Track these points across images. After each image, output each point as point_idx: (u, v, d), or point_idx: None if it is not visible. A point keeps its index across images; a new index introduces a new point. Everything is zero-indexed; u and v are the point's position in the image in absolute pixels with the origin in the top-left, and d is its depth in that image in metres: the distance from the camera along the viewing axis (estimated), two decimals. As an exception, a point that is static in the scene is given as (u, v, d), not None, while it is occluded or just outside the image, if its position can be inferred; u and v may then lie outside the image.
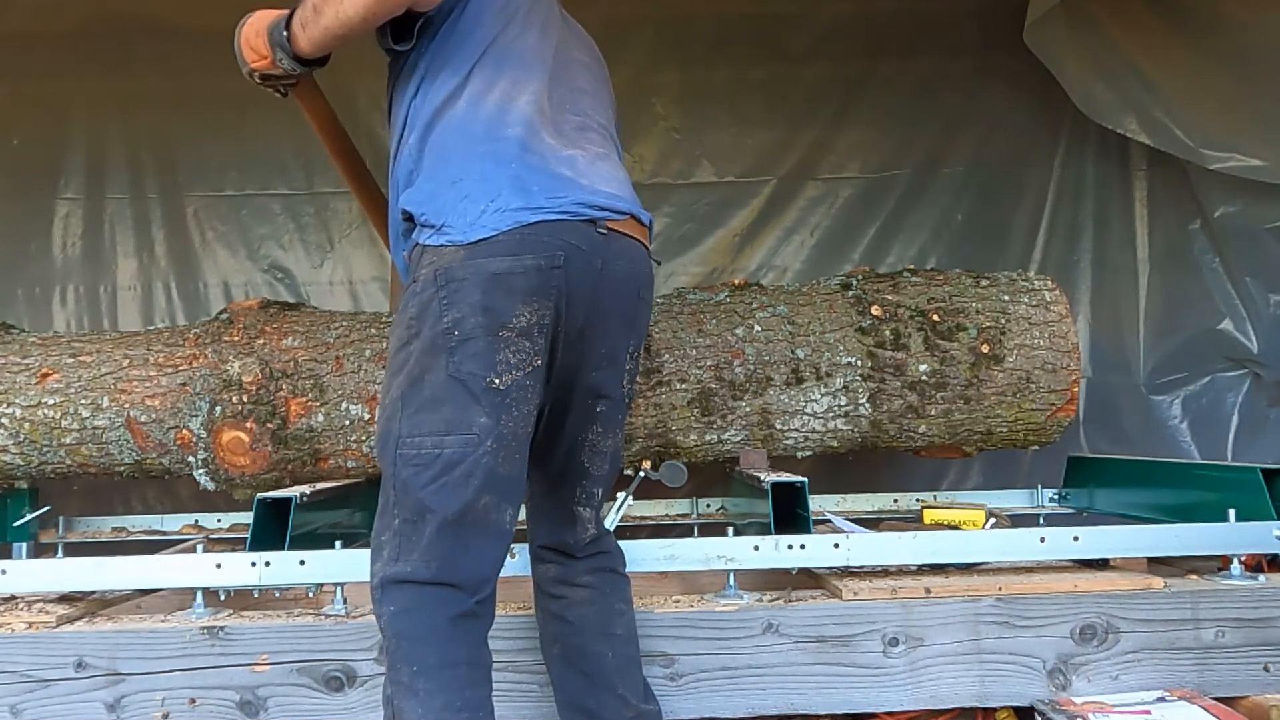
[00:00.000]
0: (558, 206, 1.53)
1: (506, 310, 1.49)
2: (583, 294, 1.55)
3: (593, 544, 1.74)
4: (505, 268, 1.49)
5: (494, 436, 1.49)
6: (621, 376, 1.67)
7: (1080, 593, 1.97)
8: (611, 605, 1.73)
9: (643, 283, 1.67)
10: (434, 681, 1.43)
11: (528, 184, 1.54)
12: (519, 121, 1.58)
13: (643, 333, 1.71)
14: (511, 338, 1.49)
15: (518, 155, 1.56)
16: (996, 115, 3.39)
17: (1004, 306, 2.55)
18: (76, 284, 3.37)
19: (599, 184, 1.60)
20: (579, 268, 1.53)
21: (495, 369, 1.49)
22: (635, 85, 3.36)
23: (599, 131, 1.73)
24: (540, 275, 1.50)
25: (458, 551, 1.48)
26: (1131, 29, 2.97)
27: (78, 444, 2.45)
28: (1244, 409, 3.28)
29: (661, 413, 2.45)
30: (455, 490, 1.47)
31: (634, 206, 1.66)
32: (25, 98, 3.34)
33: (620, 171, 1.72)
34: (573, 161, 1.60)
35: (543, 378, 1.56)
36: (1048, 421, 2.57)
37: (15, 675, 1.88)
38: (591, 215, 1.56)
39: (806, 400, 2.48)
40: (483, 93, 1.60)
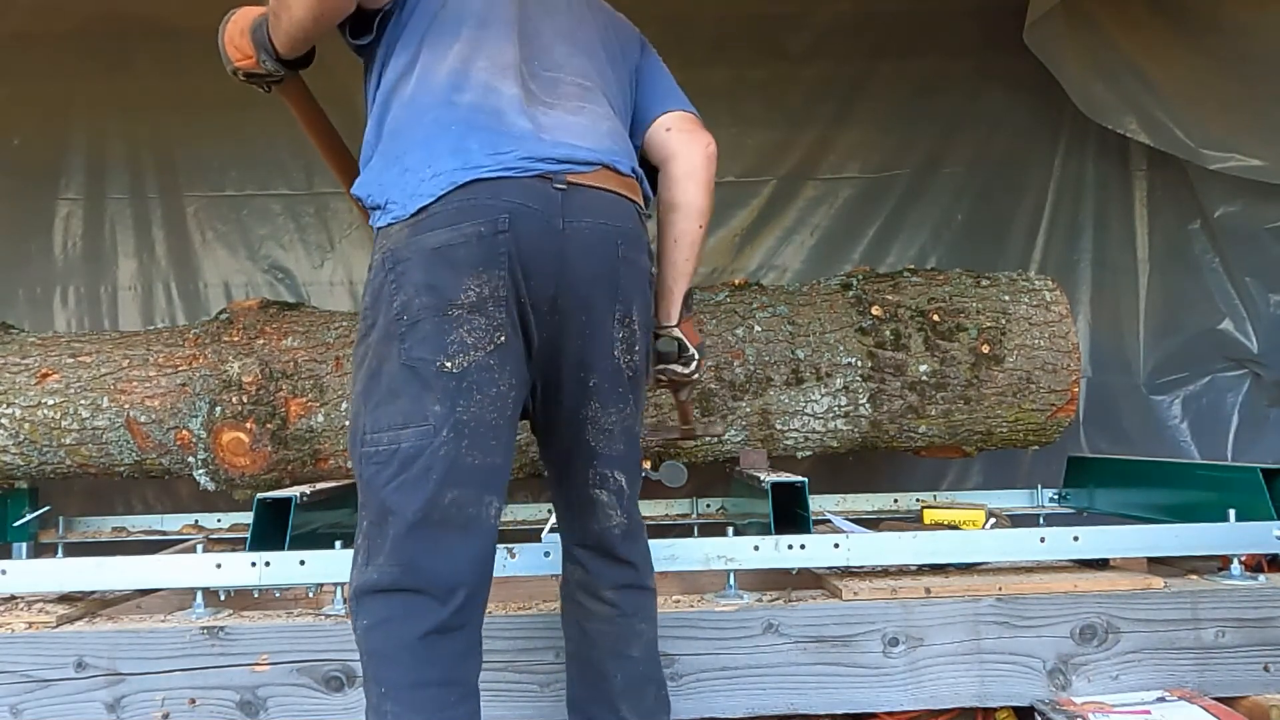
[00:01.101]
0: (499, 164, 1.39)
1: (452, 286, 1.36)
2: (543, 258, 1.40)
3: (628, 541, 1.58)
4: (445, 240, 1.37)
5: (450, 425, 1.36)
6: (611, 346, 1.49)
7: (1080, 593, 1.97)
8: (632, 626, 1.60)
9: (624, 239, 1.48)
10: (402, 705, 1.34)
11: (467, 143, 1.40)
12: (472, 85, 1.46)
13: (633, 296, 1.50)
14: (463, 315, 1.36)
15: (464, 116, 1.43)
16: (996, 115, 3.39)
17: (1004, 307, 2.55)
18: (77, 284, 3.37)
19: (563, 135, 1.46)
20: (531, 229, 1.39)
21: (446, 351, 1.36)
22: (635, 85, 3.36)
23: (576, 84, 1.56)
24: (484, 243, 1.37)
25: (426, 553, 1.36)
26: (1131, 29, 2.97)
27: (78, 444, 2.45)
28: (1244, 409, 3.28)
29: (661, 413, 2.45)
30: (415, 487, 1.36)
31: (608, 155, 1.49)
32: (26, 98, 3.34)
33: (603, 123, 1.55)
34: (535, 116, 1.46)
35: (517, 353, 1.42)
36: (1048, 422, 2.57)
37: (15, 675, 1.88)
38: (544, 170, 1.41)
39: (806, 401, 2.47)
40: (434, 63, 1.49)
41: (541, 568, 2.01)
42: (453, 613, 1.37)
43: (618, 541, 1.58)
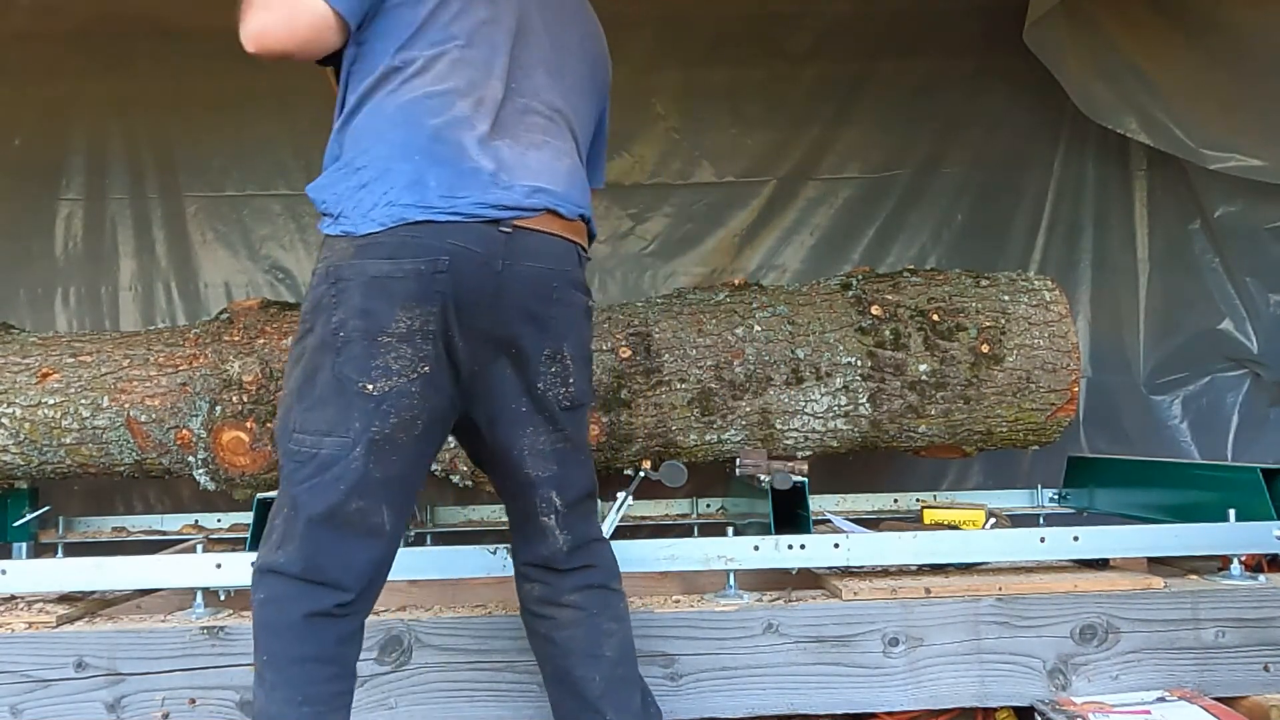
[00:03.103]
0: (450, 207, 1.45)
1: (385, 315, 1.44)
2: (479, 297, 1.48)
3: (577, 555, 1.65)
4: (384, 271, 1.44)
5: (364, 443, 1.46)
6: (537, 380, 1.56)
7: (1080, 593, 1.97)
8: (599, 626, 1.65)
9: (560, 281, 1.56)
10: (279, 675, 1.45)
11: (425, 179, 1.46)
12: (444, 109, 1.49)
13: (564, 335, 1.58)
14: (391, 343, 1.45)
15: (426, 145, 1.47)
16: (996, 115, 3.39)
17: (1004, 306, 2.55)
18: (78, 284, 3.37)
19: (519, 178, 1.51)
20: (470, 271, 1.46)
21: (369, 374, 1.45)
22: (635, 85, 3.36)
23: (546, 115, 1.61)
24: (420, 280, 1.44)
25: (328, 551, 1.47)
26: (1131, 29, 2.97)
27: (78, 444, 2.45)
28: (1244, 409, 3.28)
29: (661, 412, 2.45)
30: (325, 491, 1.46)
31: (557, 200, 1.55)
32: (26, 98, 3.34)
33: (563, 160, 1.61)
34: (496, 152, 1.51)
35: (441, 383, 1.50)
36: (1048, 421, 2.57)
37: (15, 675, 1.88)
38: (493, 216, 1.48)
39: (806, 400, 2.47)
40: (411, 75, 1.51)
41: (541, 568, 2.01)
42: (339, 605, 1.47)
43: (564, 558, 1.65)
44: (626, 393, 2.42)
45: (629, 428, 2.43)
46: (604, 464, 2.52)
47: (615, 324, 2.52)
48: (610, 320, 2.53)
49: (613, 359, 2.44)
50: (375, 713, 1.88)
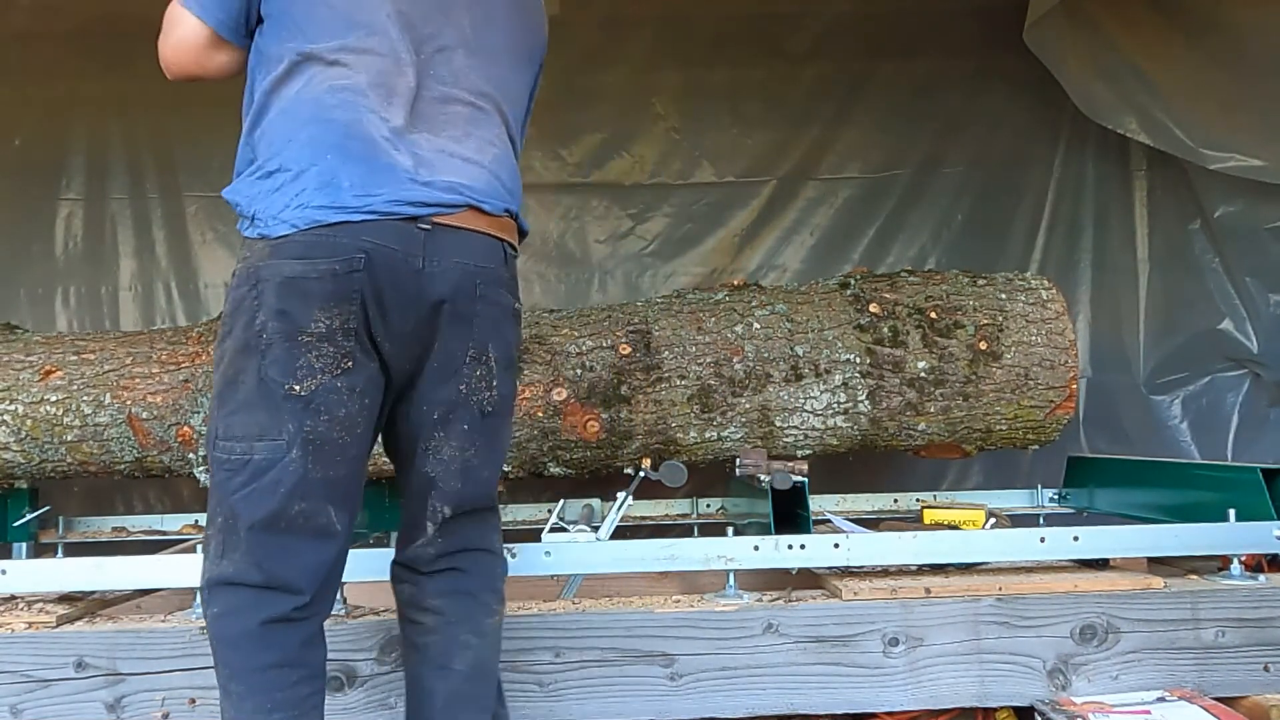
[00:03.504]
0: (365, 206, 1.43)
1: (303, 315, 1.42)
2: (398, 295, 1.45)
3: (444, 559, 1.59)
4: (299, 271, 1.42)
5: (299, 444, 1.43)
6: (460, 382, 1.52)
7: (1080, 593, 1.97)
8: (455, 636, 1.57)
9: (484, 278, 1.52)
10: (244, 684, 1.44)
11: (338, 178, 1.43)
12: (348, 103, 1.45)
13: (489, 337, 1.54)
14: (312, 342, 1.43)
15: (338, 143, 1.44)
16: (996, 115, 3.39)
17: (1001, 305, 2.57)
18: (78, 284, 3.37)
19: (439, 173, 1.48)
20: (388, 269, 1.44)
21: (295, 375, 1.43)
22: (635, 85, 3.37)
23: (469, 102, 1.55)
24: (336, 280, 1.42)
25: (276, 555, 1.44)
26: (1131, 29, 2.97)
27: (79, 441, 2.45)
28: (1244, 409, 3.28)
29: (661, 409, 2.45)
30: (264, 497, 1.43)
31: (479, 196, 1.51)
32: (27, 98, 3.34)
33: (488, 151, 1.56)
34: (413, 146, 1.48)
35: (369, 378, 1.47)
36: (1047, 419, 2.57)
37: (15, 675, 1.88)
38: (410, 213, 1.45)
39: (806, 397, 2.48)
40: (314, 68, 1.48)
41: (541, 568, 2.02)
42: (295, 608, 1.45)
43: (429, 561, 1.59)
44: (626, 389, 2.43)
45: (629, 424, 2.43)
46: (604, 462, 2.52)
47: (615, 322, 2.52)
48: (610, 318, 2.54)
49: (613, 355, 2.45)
50: (375, 712, 1.88)
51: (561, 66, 3.35)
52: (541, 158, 3.38)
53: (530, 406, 2.41)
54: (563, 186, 3.39)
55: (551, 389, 2.41)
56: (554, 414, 2.41)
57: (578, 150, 3.39)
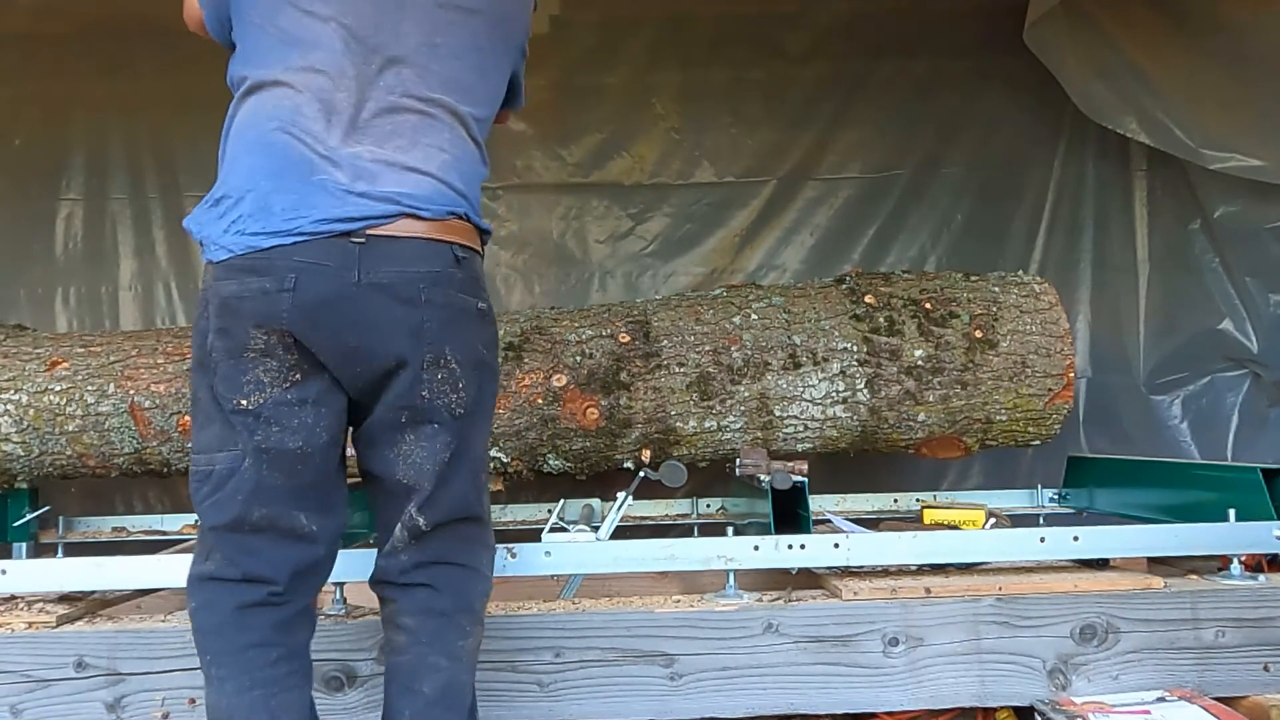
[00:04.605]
0: (295, 228, 1.45)
1: (241, 334, 1.47)
2: (334, 311, 1.46)
3: (417, 573, 1.58)
4: (233, 291, 1.47)
5: (252, 454, 1.48)
6: (422, 388, 1.51)
7: (1080, 593, 1.97)
8: (424, 657, 1.55)
9: (428, 284, 1.50)
10: (225, 668, 1.48)
11: (271, 203, 1.47)
12: (287, 123, 1.49)
13: (445, 340, 1.52)
14: (256, 358, 1.47)
15: (273, 168, 1.48)
16: (996, 115, 3.39)
17: (994, 297, 2.61)
18: (78, 284, 3.37)
19: (378, 184, 1.49)
20: (321, 286, 1.45)
21: (242, 390, 1.48)
22: (635, 85, 3.37)
23: (418, 110, 1.54)
24: (266, 300, 1.45)
25: (244, 554, 1.50)
26: (1131, 29, 2.97)
27: (80, 431, 2.46)
28: (1244, 409, 3.28)
29: (660, 396, 2.46)
30: (225, 505, 1.49)
31: (417, 203, 1.50)
32: (27, 98, 3.34)
33: (435, 158, 1.54)
34: (353, 160, 1.49)
35: (325, 387, 1.50)
36: (1046, 408, 2.58)
37: (15, 675, 1.88)
38: (342, 229, 1.46)
39: (805, 386, 2.49)
40: (260, 86, 1.52)
41: (541, 568, 2.01)
42: (271, 594, 1.50)
43: (400, 574, 1.59)
44: (625, 375, 2.45)
45: (628, 411, 2.44)
46: (603, 454, 2.52)
47: (615, 314, 2.57)
48: (610, 311, 2.59)
49: (612, 343, 2.47)
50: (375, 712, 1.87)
51: (561, 66, 3.37)
52: (541, 158, 3.39)
53: (530, 394, 2.42)
54: (563, 186, 3.39)
55: (551, 375, 2.43)
56: (553, 400, 2.42)
57: (578, 150, 3.39)
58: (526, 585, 2.19)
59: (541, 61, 3.35)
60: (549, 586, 2.25)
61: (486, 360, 1.61)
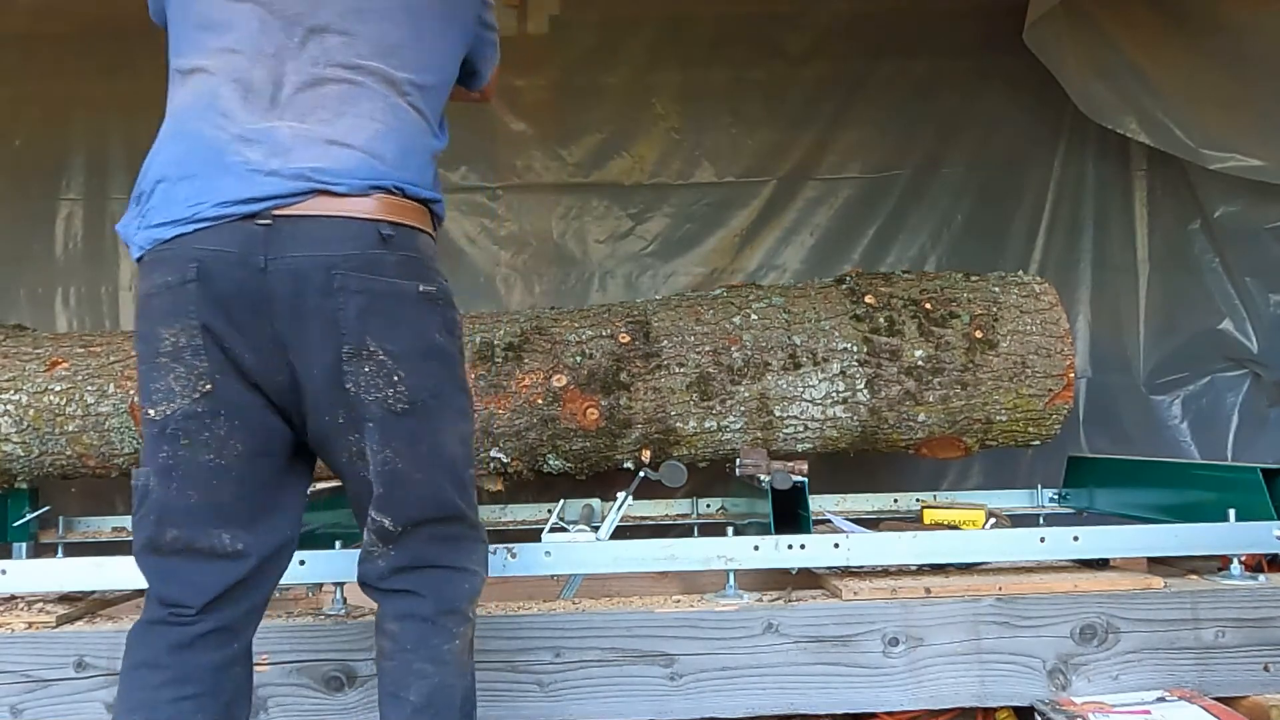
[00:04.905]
0: (195, 215, 1.36)
1: (153, 335, 1.39)
2: (244, 301, 1.36)
3: (398, 578, 1.49)
4: (145, 289, 1.39)
5: (157, 470, 1.41)
6: (345, 382, 1.39)
7: (1080, 593, 1.97)
8: (409, 664, 1.46)
9: (345, 268, 1.37)
10: (123, 684, 1.44)
11: (176, 192, 1.39)
12: (202, 110, 1.41)
13: (367, 328, 1.39)
14: (167, 363, 1.38)
15: (180, 156, 1.41)
16: (996, 115, 3.39)
17: (994, 297, 2.60)
18: (78, 284, 3.37)
19: (293, 161, 1.38)
20: (225, 275, 1.35)
21: (151, 399, 1.40)
22: (635, 85, 3.37)
23: (345, 80, 1.44)
24: (172, 294, 1.36)
25: (158, 577, 1.44)
26: (1131, 29, 2.97)
27: (79, 432, 2.46)
28: (1244, 409, 3.28)
29: (660, 396, 2.46)
30: (142, 524, 1.43)
31: (331, 178, 1.39)
32: (27, 98, 3.34)
33: (364, 129, 1.43)
34: (269, 137, 1.39)
35: (238, 395, 1.40)
36: (1046, 408, 2.57)
37: (15, 675, 1.88)
38: (244, 211, 1.36)
39: (805, 386, 2.49)
40: (181, 85, 1.47)
41: (541, 568, 2.01)
42: (170, 614, 1.43)
43: (379, 578, 1.50)
44: (625, 375, 2.45)
45: (628, 411, 2.44)
46: (603, 454, 2.52)
47: (615, 314, 2.57)
48: (610, 311, 2.59)
49: (612, 344, 2.47)
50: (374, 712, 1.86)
51: (561, 66, 3.37)
52: (541, 158, 3.39)
53: (530, 394, 2.42)
54: (563, 186, 3.39)
55: (551, 376, 2.43)
56: (553, 400, 2.42)
57: (578, 150, 3.39)
58: (526, 585, 2.19)
59: (541, 61, 3.37)
60: (549, 586, 2.25)
61: (441, 347, 1.47)
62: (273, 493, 1.48)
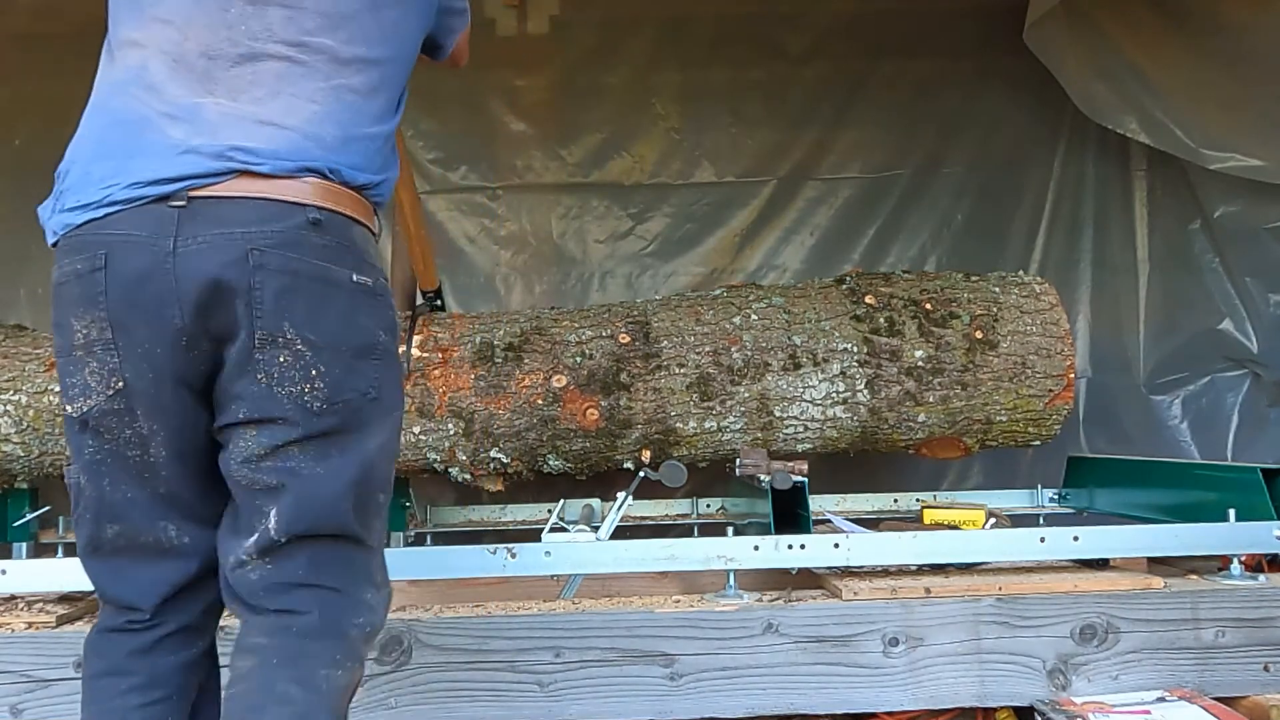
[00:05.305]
0: (106, 198, 1.27)
1: (65, 326, 1.30)
2: (151, 287, 1.25)
3: (272, 594, 1.30)
4: (57, 276, 1.31)
5: (84, 466, 1.33)
6: (257, 371, 1.26)
7: (1080, 593, 1.97)
8: (270, 685, 1.25)
9: (264, 246, 1.25)
10: (87, 694, 1.38)
11: (91, 173, 1.30)
12: (127, 84, 1.33)
13: (285, 314, 1.26)
14: (81, 357, 1.29)
15: (99, 134, 1.33)
16: (996, 115, 3.39)
17: (995, 297, 2.60)
18: (77, 284, 3.37)
19: (218, 139, 1.28)
20: (131, 260, 1.25)
21: (69, 394, 1.31)
22: (635, 85, 3.37)
23: (285, 56, 1.34)
24: (81, 283, 1.27)
25: (104, 578, 1.38)
26: (1131, 29, 2.97)
27: (79, 434, 2.46)
28: (1244, 409, 3.28)
29: (660, 397, 2.46)
30: (81, 523, 1.36)
31: (255, 159, 1.28)
32: (27, 98, 3.34)
33: (300, 110, 1.32)
34: (197, 114, 1.29)
35: (158, 393, 1.29)
36: (1046, 409, 2.57)
37: (15, 675, 1.88)
38: (157, 193, 1.25)
39: (805, 386, 2.49)
40: (112, 59, 1.40)
41: (541, 568, 2.02)
42: (127, 622, 1.37)
43: (251, 593, 1.31)
44: (625, 376, 2.44)
45: (628, 412, 2.44)
46: (603, 454, 2.52)
47: (615, 314, 2.56)
48: (610, 312, 2.58)
49: (612, 344, 2.47)
50: (375, 712, 1.88)
51: (561, 66, 3.37)
52: (541, 158, 3.38)
53: (530, 394, 2.42)
54: (563, 186, 3.39)
55: (551, 376, 2.42)
56: (553, 401, 2.42)
57: (578, 150, 3.39)
58: (526, 585, 2.19)
59: (541, 61, 3.37)
60: (549, 586, 2.25)
61: (382, 347, 1.35)
62: (215, 485, 1.35)
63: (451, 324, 2.55)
